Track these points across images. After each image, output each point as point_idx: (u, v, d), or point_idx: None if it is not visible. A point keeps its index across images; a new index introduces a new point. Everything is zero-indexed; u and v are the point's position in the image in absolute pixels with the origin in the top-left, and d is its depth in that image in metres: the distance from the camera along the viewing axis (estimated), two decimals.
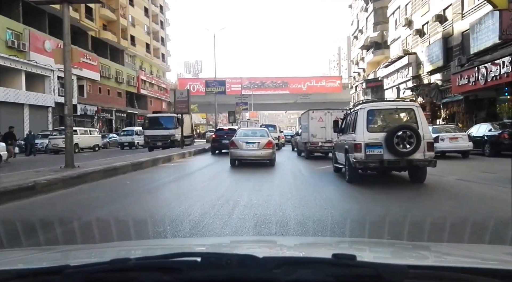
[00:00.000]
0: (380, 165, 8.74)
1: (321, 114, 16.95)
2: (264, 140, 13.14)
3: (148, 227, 4.22)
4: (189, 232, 4.30)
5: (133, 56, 50.13)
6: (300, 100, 65.39)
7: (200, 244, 2.20)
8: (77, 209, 5.86)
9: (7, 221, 4.46)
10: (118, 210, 5.81)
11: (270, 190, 7.85)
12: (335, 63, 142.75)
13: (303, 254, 1.62)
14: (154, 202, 6.85)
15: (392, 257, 1.55)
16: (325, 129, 16.33)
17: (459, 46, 22.67)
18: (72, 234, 3.76)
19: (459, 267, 1.13)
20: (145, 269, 0.98)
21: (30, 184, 6.76)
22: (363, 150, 8.71)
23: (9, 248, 2.93)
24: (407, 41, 31.62)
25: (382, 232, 3.52)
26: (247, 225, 4.63)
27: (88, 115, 37.43)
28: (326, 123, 16.44)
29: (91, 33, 39.41)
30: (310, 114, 17.03)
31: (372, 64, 44.58)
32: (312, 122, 16.78)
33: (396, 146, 8.65)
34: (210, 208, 5.58)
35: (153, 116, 25.16)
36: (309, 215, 5.04)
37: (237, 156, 13.10)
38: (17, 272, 1.10)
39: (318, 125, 16.52)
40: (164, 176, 10.75)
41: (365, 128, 8.78)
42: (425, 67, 27.37)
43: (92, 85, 39.01)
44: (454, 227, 3.69)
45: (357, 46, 50.10)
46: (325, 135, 16.32)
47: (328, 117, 16.74)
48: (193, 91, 70.28)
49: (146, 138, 23.22)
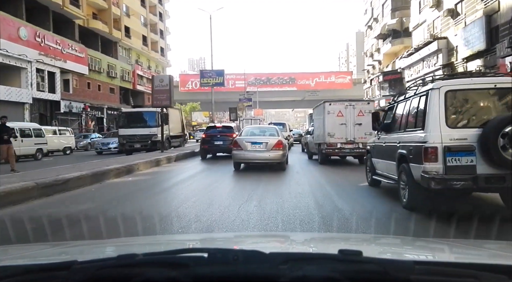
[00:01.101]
0: (473, 185, 4.97)
1: (340, 107, 13.24)
2: (273, 140, 11.20)
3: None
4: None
5: (128, 49, 46.35)
6: (308, 97, 61.84)
7: (206, 240, 2.16)
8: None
9: None
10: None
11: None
12: (343, 60, 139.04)
13: (310, 250, 1.62)
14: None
15: (398, 253, 1.56)
16: (346, 127, 12.97)
17: (508, 24, 18.45)
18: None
19: (465, 263, 1.16)
20: (152, 264, 0.97)
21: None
22: (441, 159, 5.06)
23: (16, 244, 2.70)
24: (435, 25, 27.38)
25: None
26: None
27: (73, 112, 33.67)
28: (348, 118, 13.00)
29: (78, 21, 35.64)
30: (326, 107, 13.22)
31: (389, 55, 40.34)
32: (329, 117, 13.11)
33: (502, 152, 4.89)
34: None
35: (130, 111, 20.50)
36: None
37: (241, 159, 11.36)
38: (25, 267, 1.09)
39: (337, 121, 13.01)
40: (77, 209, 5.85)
41: (444, 122, 5.17)
42: (459, 53, 23.15)
43: (79, 79, 35.25)
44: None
45: (371, 37, 45.84)
46: (345, 134, 12.94)
47: (350, 111, 13.14)
48: (195, 88, 67.32)
49: (121, 139, 18.66)
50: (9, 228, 3.97)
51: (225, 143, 15.04)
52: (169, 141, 18.98)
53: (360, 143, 12.64)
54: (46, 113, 31.13)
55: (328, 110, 13.19)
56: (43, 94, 29.80)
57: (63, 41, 32.22)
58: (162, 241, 2.11)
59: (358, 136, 12.81)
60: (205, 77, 28.49)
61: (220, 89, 67.10)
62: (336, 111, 13.20)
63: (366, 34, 48.68)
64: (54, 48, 30.97)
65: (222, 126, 17.29)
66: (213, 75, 27.98)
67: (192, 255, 1.03)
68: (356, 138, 12.84)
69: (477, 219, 3.50)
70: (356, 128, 12.90)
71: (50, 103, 31.42)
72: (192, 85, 66.54)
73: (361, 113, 13.09)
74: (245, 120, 39.65)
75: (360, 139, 12.71)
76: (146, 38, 50.19)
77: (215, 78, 27.99)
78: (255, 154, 11.10)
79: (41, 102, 30.39)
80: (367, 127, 12.01)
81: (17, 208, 5.79)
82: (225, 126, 17.21)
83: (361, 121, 12.75)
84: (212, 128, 17.13)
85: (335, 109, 13.21)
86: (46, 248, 1.73)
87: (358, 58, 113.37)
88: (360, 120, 12.84)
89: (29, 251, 1.60)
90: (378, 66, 43.92)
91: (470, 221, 3.56)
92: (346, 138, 12.90)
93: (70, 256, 1.41)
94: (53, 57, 30.71)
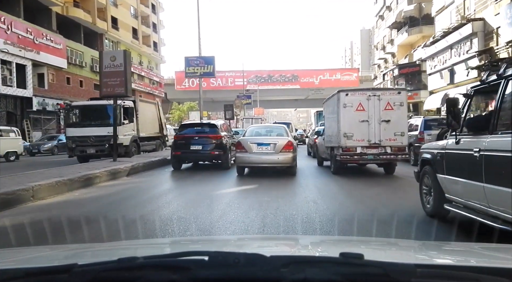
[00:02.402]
0: None
1: (361, 99, 9.88)
2: (283, 141, 9.96)
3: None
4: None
5: (116, 42, 42.32)
6: (312, 96, 58.26)
7: (207, 243, 2.09)
8: None
9: None
10: None
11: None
12: (347, 59, 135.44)
13: (311, 253, 1.60)
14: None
15: (399, 256, 1.55)
16: (369, 125, 9.76)
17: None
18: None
19: (466, 266, 1.15)
20: (153, 268, 0.96)
21: None
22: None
23: (16, 247, 2.65)
24: (466, 6, 23.28)
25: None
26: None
27: (49, 111, 29.64)
28: (371, 114, 9.76)
29: (56, 9, 31.63)
30: (342, 99, 9.91)
31: (405, 47, 36.26)
32: (346, 112, 9.85)
33: None
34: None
35: (82, 105, 15.55)
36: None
37: (245, 163, 10.08)
38: (25, 270, 1.07)
39: (356, 118, 9.81)
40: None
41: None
42: (502, 36, 19.05)
43: (56, 73, 31.22)
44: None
45: (382, 28, 41.76)
46: (368, 134, 9.76)
47: (374, 104, 9.78)
48: (192, 86, 63.43)
49: (70, 142, 14.14)
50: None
51: (206, 148, 11.24)
52: (138, 144, 14.66)
53: (388, 147, 9.68)
54: (15, 112, 27.16)
55: (344, 102, 9.79)
56: (10, 90, 25.78)
57: (36, 29, 28.19)
58: (163, 244, 2.13)
59: (385, 138, 9.67)
60: (191, 65, 22.64)
61: (218, 87, 64.08)
62: (355, 104, 9.77)
63: (377, 25, 44.57)
64: (24, 37, 26.95)
65: (202, 124, 13.08)
66: (201, 63, 22.58)
67: (193, 258, 1.00)
68: (383, 140, 9.66)
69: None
70: (383, 126, 9.68)
71: (21, 100, 27.42)
72: (189, 82, 62.85)
73: (389, 106, 9.74)
74: (246, 119, 35.71)
75: (388, 142, 9.67)
76: (136, 31, 46.15)
77: (203, 66, 22.62)
78: (261, 157, 9.77)
79: (10, 98, 26.41)
80: (398, 125, 9.69)
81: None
82: (207, 124, 12.88)
83: (390, 116, 9.67)
84: (188, 126, 12.87)
85: (354, 101, 9.79)
86: (46, 251, 1.71)
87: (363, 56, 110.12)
88: (388, 115, 9.68)
89: (29, 254, 1.57)
90: (391, 60, 39.81)
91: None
92: (369, 140, 9.67)
93: (71, 259, 1.39)
94: (22, 47, 26.69)
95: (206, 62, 23.17)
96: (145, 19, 48.83)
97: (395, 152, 9.65)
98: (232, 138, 12.99)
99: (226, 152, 11.45)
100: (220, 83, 64.14)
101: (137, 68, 45.15)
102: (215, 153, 11.20)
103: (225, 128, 13.28)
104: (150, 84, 49.29)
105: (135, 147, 13.93)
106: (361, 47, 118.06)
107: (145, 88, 47.05)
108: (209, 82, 63.99)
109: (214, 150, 11.17)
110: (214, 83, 63.87)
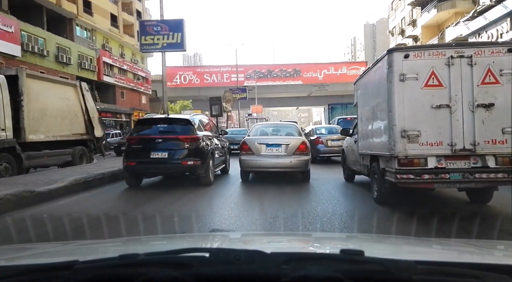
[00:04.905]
0: None
1: (435, 64, 5.03)
2: (296, 141, 8.57)
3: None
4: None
5: (91, 30, 36.47)
6: (315, 93, 53.87)
7: (208, 240, 2.02)
8: None
9: None
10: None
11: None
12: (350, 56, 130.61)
13: (311, 249, 1.61)
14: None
15: (400, 252, 1.54)
16: (452, 114, 5.01)
17: None
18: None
19: (467, 262, 1.14)
20: (154, 264, 0.96)
21: None
22: None
23: (17, 244, 2.65)
24: None
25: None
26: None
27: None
28: (457, 92, 5.01)
29: None
30: (397, 64, 5.08)
31: (431, 28, 30.51)
32: (406, 89, 5.05)
33: None
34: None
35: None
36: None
37: (252, 167, 8.51)
38: (26, 267, 1.07)
39: (427, 101, 5.04)
40: None
41: None
42: None
43: (7, 62, 25.28)
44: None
45: (399, 9, 35.94)
46: (451, 132, 5.02)
47: (463, 73, 4.99)
48: (184, 82, 57.72)
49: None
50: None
51: (174, 156, 7.87)
52: (17, 156, 8.56)
53: (491, 157, 5.02)
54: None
55: (403, 71, 5.09)
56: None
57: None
58: (164, 241, 2.07)
59: (484, 139, 5.03)
60: (150, 33, 13.92)
61: (213, 83, 58.27)
62: (424, 74, 5.08)
63: (392, 6, 38.70)
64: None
65: (169, 120, 8.81)
66: (164, 30, 13.90)
67: (195, 255, 1.00)
68: (480, 143, 5.04)
69: None
70: (480, 116, 5.05)
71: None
72: (181, 79, 57.63)
73: (490, 75, 4.98)
74: (251, 119, 30.88)
75: (491, 146, 5.01)
76: (116, 18, 40.25)
77: (167, 35, 14.00)
78: (271, 160, 8.41)
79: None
80: (509, 114, 4.91)
81: None
82: (176, 120, 8.81)
83: (494, 97, 5.03)
84: (147, 123, 8.94)
85: (421, 68, 5.09)
86: (47, 248, 1.70)
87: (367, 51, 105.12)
88: (489, 95, 5.03)
89: (30, 251, 1.57)
90: (413, 44, 33.96)
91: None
92: (453, 144, 5.06)
93: (72, 256, 1.37)
94: None
95: (171, 28, 14.70)
96: (127, 5, 42.94)
97: (506, 167, 4.84)
98: (220, 139, 10.10)
99: (206, 161, 8.11)
100: (215, 79, 58.68)
101: (117, 60, 39.30)
102: (187, 163, 7.81)
103: (208, 127, 9.59)
104: (135, 80, 43.45)
105: (6, 162, 7.76)
106: (364, 42, 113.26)
107: (128, 84, 41.20)
108: (203, 78, 58.38)
109: (186, 158, 7.78)
110: (209, 79, 58.49)
